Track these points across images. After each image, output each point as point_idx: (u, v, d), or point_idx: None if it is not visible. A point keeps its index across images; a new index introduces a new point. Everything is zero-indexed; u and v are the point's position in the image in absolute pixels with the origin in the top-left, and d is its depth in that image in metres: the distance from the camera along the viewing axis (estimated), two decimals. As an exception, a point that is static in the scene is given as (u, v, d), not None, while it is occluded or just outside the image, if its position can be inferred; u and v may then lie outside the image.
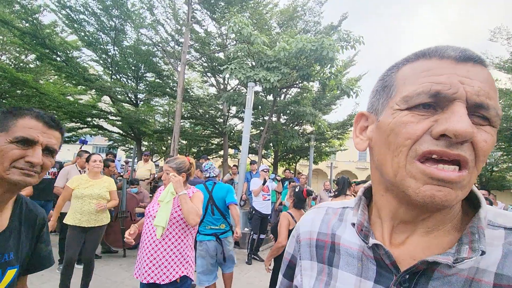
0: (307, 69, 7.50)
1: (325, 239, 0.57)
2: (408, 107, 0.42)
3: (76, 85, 10.17)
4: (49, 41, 8.26)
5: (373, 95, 0.52)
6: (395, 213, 0.48)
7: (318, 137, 13.01)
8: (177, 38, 10.27)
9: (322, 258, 0.56)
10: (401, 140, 0.42)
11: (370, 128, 0.51)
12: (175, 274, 1.90)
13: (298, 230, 0.65)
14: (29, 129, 0.77)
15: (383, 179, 0.48)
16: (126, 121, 10.17)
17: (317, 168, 29.32)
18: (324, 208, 0.64)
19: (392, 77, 0.47)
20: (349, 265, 0.51)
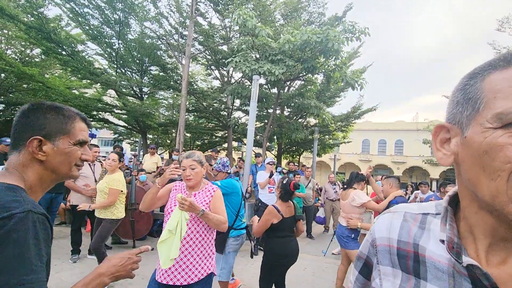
0: (311, 61, 7.47)
1: (407, 249, 0.53)
2: (503, 126, 0.38)
3: (82, 79, 10.23)
4: (55, 35, 8.29)
5: (453, 105, 0.48)
6: (492, 232, 0.44)
7: (322, 129, 13.01)
8: (181, 31, 10.24)
9: (407, 268, 0.53)
10: (499, 164, 0.38)
11: (454, 141, 0.47)
12: (204, 272, 1.86)
13: (373, 234, 0.62)
14: (83, 131, 0.90)
15: (477, 198, 0.44)
16: (131, 115, 10.25)
17: (321, 160, 29.35)
18: (401, 213, 0.59)
19: (477, 88, 0.43)
20: (439, 279, 0.47)
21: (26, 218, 0.68)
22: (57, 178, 0.86)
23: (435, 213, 0.55)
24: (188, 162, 1.98)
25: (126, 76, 10.32)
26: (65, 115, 0.86)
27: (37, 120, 0.82)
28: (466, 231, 0.48)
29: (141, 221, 4.83)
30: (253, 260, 4.86)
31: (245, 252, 5.23)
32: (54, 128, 0.83)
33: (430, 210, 0.56)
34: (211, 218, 1.85)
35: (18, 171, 0.80)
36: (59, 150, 0.83)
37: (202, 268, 1.87)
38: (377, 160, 32.73)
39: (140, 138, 12.14)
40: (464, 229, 0.49)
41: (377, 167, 32.71)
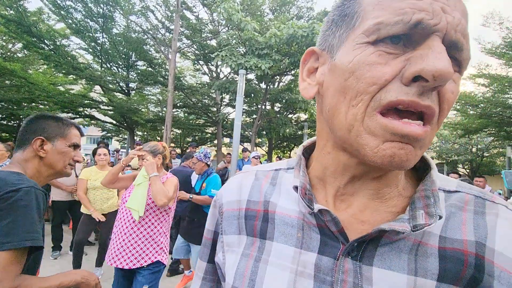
0: (298, 55, 7.46)
1: (257, 208, 0.48)
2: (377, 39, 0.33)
3: (66, 74, 10.01)
4: (36, 29, 8.07)
5: (326, 27, 0.41)
6: (343, 171, 0.41)
7: (312, 124, 13.06)
8: (168, 25, 10.09)
9: (253, 231, 0.47)
10: (363, 86, 0.34)
11: (320, 70, 0.41)
12: (147, 259, 1.88)
13: (220, 199, 0.54)
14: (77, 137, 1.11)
15: (332, 135, 0.41)
16: (118, 111, 10.09)
17: (312, 156, 29.53)
18: (253, 172, 0.54)
19: (356, 1, 0.36)
20: (286, 235, 0.43)
21: (30, 191, 0.88)
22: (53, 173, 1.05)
23: (286, 167, 0.51)
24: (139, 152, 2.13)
25: (112, 71, 10.14)
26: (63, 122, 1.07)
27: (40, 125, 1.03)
28: (316, 178, 0.45)
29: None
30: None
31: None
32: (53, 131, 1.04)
33: (281, 166, 0.52)
34: (156, 184, 1.90)
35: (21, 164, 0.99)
36: (56, 149, 1.04)
37: (147, 255, 1.89)
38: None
39: (128, 135, 11.99)
40: (315, 175, 0.46)
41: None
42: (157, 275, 1.95)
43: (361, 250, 0.38)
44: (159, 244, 1.96)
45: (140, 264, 1.87)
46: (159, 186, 1.91)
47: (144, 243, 1.90)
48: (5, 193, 0.84)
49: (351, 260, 0.38)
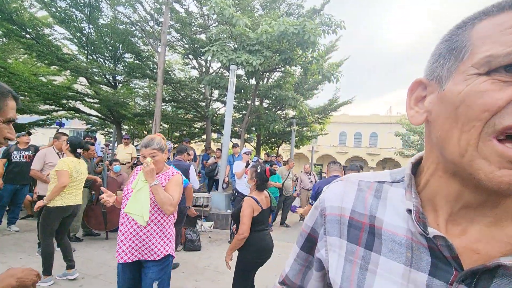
0: (289, 52, 7.52)
1: (362, 220, 0.50)
2: (489, 71, 0.34)
3: (49, 65, 9.63)
4: (17, 17, 7.70)
5: (434, 59, 0.43)
6: (456, 197, 0.41)
7: (300, 121, 13.21)
8: (157, 17, 9.87)
9: (358, 240, 0.50)
10: (475, 113, 0.34)
11: (429, 99, 0.43)
12: (160, 254, 1.89)
13: (323, 203, 0.58)
14: (13, 110, 0.86)
15: (444, 159, 0.41)
16: (104, 104, 9.83)
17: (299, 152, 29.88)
18: (355, 182, 0.56)
19: (464, 36, 0.38)
20: (395, 252, 0.44)
21: None
22: None
23: (390, 181, 0.52)
24: (148, 151, 1.96)
25: (98, 63, 9.84)
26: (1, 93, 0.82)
27: None
28: (426, 199, 0.46)
29: (113, 212, 4.72)
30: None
31: (220, 242, 5.28)
32: None
33: (385, 178, 0.53)
34: (159, 193, 1.84)
35: None
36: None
37: (159, 249, 1.90)
38: (353, 152, 33.89)
39: (115, 128, 11.70)
40: (425, 197, 0.46)
41: (353, 158, 33.86)
42: (167, 269, 1.95)
43: (475, 279, 0.37)
44: (168, 237, 1.96)
45: (153, 258, 1.88)
46: (162, 195, 1.85)
47: (154, 237, 1.89)
48: None
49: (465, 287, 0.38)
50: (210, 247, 4.94)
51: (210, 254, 4.57)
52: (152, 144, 1.98)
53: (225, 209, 6.35)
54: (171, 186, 1.97)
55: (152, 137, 2.05)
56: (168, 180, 2.01)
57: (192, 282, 3.50)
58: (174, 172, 2.08)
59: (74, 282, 3.20)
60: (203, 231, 5.56)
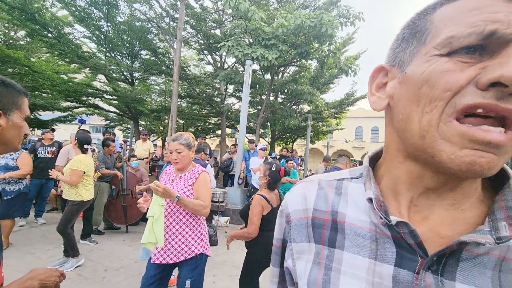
0: (305, 46, 7.37)
1: (324, 217, 0.49)
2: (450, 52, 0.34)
3: (70, 63, 9.93)
4: (39, 16, 7.95)
5: (396, 44, 0.43)
6: (416, 182, 0.41)
7: (315, 116, 13.02)
8: (172, 13, 9.93)
9: (321, 239, 0.48)
10: (437, 92, 0.34)
11: (390, 83, 0.42)
12: (191, 253, 1.90)
13: (286, 209, 0.55)
14: (27, 107, 0.90)
15: (404, 144, 0.41)
16: (122, 100, 10.05)
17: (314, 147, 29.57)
18: (315, 182, 0.55)
19: (427, 19, 0.38)
20: (359, 246, 0.44)
21: None
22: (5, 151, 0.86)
23: (349, 177, 0.52)
24: (174, 145, 1.95)
25: (116, 60, 10.04)
26: (16, 90, 0.85)
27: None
28: (387, 189, 0.45)
29: (133, 206, 4.83)
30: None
31: (237, 236, 5.31)
32: (9, 102, 0.82)
33: (344, 176, 0.53)
34: (187, 204, 1.82)
35: None
36: (13, 124, 0.83)
37: (190, 248, 1.90)
38: (370, 147, 33.14)
39: (132, 124, 11.97)
40: (385, 187, 0.46)
41: (370, 154, 33.20)
42: (200, 268, 1.94)
43: (441, 264, 0.37)
44: (199, 236, 1.95)
45: (184, 257, 1.88)
46: (191, 205, 1.82)
47: (187, 238, 1.89)
48: None
49: (432, 274, 0.37)
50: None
51: (226, 249, 4.60)
52: (180, 139, 1.97)
53: (241, 204, 6.38)
54: (200, 188, 1.93)
55: (181, 133, 2.05)
56: (195, 179, 1.97)
57: (210, 276, 3.54)
58: (200, 169, 2.02)
59: (96, 274, 3.31)
60: (220, 226, 5.61)
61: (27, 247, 3.92)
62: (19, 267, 3.29)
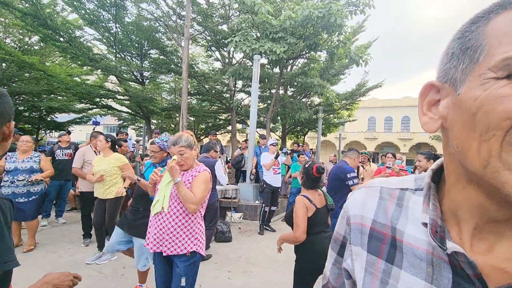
0: (314, 38, 7.22)
1: (384, 231, 0.48)
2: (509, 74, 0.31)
3: (82, 65, 10.13)
4: (51, 21, 8.12)
5: (446, 59, 0.40)
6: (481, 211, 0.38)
7: (326, 108, 12.83)
8: (179, 11, 9.93)
9: (379, 252, 0.48)
10: (495, 121, 0.32)
11: (443, 103, 0.40)
12: (183, 249, 1.92)
13: (347, 211, 0.56)
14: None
15: (465, 171, 0.38)
16: (134, 100, 10.21)
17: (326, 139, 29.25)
18: (377, 189, 0.53)
19: (478, 33, 0.35)
20: (416, 267, 0.42)
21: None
22: None
23: (414, 188, 0.49)
24: (176, 149, 1.96)
25: (126, 61, 10.18)
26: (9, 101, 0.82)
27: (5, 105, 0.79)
28: (449, 211, 0.43)
29: (148, 205, 4.94)
30: (259, 239, 4.99)
31: (250, 233, 5.35)
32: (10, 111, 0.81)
33: (408, 185, 0.50)
34: (181, 190, 1.86)
35: None
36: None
37: (182, 245, 1.92)
38: (384, 138, 32.50)
39: (144, 123, 12.17)
40: (448, 209, 0.43)
41: (384, 144, 32.53)
42: (193, 266, 1.98)
43: None
44: (193, 234, 1.97)
45: (177, 252, 1.91)
46: (184, 193, 1.87)
47: (179, 232, 1.92)
48: None
49: None
50: (240, 238, 5.02)
51: (240, 245, 4.64)
52: (179, 141, 1.98)
53: (253, 200, 6.40)
54: (195, 184, 1.96)
55: (180, 134, 2.04)
56: (194, 177, 2.00)
57: (225, 272, 3.58)
58: (202, 169, 2.04)
59: (116, 271, 3.41)
60: (233, 222, 5.66)
61: (49, 246, 4.08)
62: (43, 266, 3.43)
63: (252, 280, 3.43)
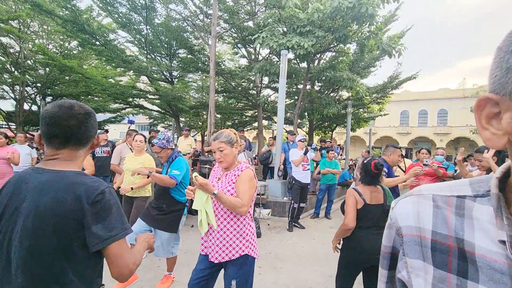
0: (343, 30, 6.97)
1: (447, 243, 0.46)
2: None
3: (116, 67, 10.68)
4: (88, 26, 8.63)
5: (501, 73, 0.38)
6: None
7: (356, 103, 12.39)
8: (206, 10, 10.08)
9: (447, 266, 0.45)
10: None
11: (506, 118, 0.38)
12: (235, 253, 1.85)
13: (396, 222, 0.54)
14: None
15: None
16: (164, 99, 10.58)
17: (355, 135, 28.33)
18: (429, 197, 0.51)
19: None
20: (496, 282, 0.40)
21: (109, 191, 1.00)
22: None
23: (472, 195, 0.46)
24: (216, 144, 1.91)
25: (156, 61, 10.56)
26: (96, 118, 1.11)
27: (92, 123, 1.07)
28: None
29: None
30: (288, 236, 4.95)
31: (279, 229, 5.33)
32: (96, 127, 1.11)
33: (465, 191, 0.47)
34: (224, 201, 1.79)
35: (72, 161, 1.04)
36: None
37: (234, 248, 1.86)
38: (417, 133, 30.78)
39: (173, 121, 12.58)
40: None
41: (417, 139, 30.81)
42: (246, 268, 1.89)
43: None
44: (244, 236, 1.89)
45: (229, 257, 1.85)
46: (228, 202, 1.79)
47: (230, 237, 1.87)
48: (96, 197, 0.95)
49: None
50: (269, 234, 5.02)
51: (269, 241, 4.64)
52: (220, 136, 1.92)
53: (282, 196, 6.36)
54: (240, 185, 1.87)
55: (222, 130, 2.01)
56: (238, 176, 1.92)
57: (256, 268, 3.59)
58: (244, 167, 1.95)
59: (152, 262, 3.57)
60: (262, 219, 5.67)
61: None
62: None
63: (282, 277, 3.41)
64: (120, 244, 0.97)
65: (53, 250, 0.91)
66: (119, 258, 0.96)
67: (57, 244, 0.90)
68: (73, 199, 0.92)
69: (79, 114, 1.01)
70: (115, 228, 0.96)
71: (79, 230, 0.92)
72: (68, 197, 0.91)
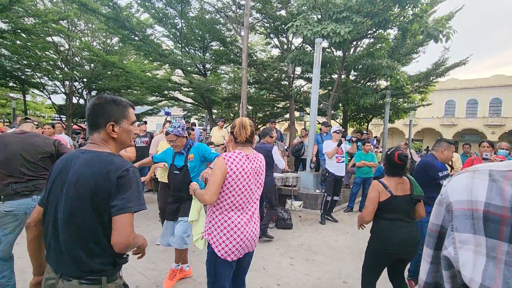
0: (383, 14, 6.51)
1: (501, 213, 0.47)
2: None
3: (152, 61, 11.13)
4: (128, 23, 9.06)
5: None
6: None
7: (395, 92, 11.63)
8: (238, 1, 10.04)
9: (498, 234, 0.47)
10: None
11: None
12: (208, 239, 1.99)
13: (447, 198, 0.56)
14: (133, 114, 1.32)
15: None
16: (197, 91, 10.84)
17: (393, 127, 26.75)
18: (485, 172, 0.52)
19: None
20: None
21: (134, 170, 1.17)
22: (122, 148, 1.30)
23: None
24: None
25: (190, 54, 10.80)
26: (122, 104, 1.26)
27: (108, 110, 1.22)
28: None
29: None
30: (320, 229, 4.87)
31: (311, 221, 5.25)
32: (119, 114, 1.25)
33: None
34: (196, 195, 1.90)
35: (104, 144, 1.23)
36: (123, 129, 1.26)
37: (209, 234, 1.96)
38: (465, 124, 28.22)
39: (206, 113, 12.86)
40: None
41: (464, 132, 28.32)
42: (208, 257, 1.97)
43: None
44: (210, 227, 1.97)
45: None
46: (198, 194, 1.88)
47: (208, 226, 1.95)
48: (121, 173, 1.13)
49: None
50: (301, 226, 4.97)
51: (302, 233, 4.60)
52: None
53: (314, 189, 6.25)
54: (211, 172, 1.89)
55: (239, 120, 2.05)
56: None
57: (287, 259, 3.59)
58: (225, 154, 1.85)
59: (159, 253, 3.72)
60: (293, 210, 5.63)
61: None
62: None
63: (315, 269, 3.37)
64: (130, 217, 1.13)
65: (89, 212, 1.10)
66: (125, 227, 1.11)
67: (92, 207, 1.10)
68: (106, 173, 1.11)
69: (94, 105, 1.22)
70: (132, 201, 1.12)
71: (108, 198, 1.11)
72: (102, 171, 1.12)
